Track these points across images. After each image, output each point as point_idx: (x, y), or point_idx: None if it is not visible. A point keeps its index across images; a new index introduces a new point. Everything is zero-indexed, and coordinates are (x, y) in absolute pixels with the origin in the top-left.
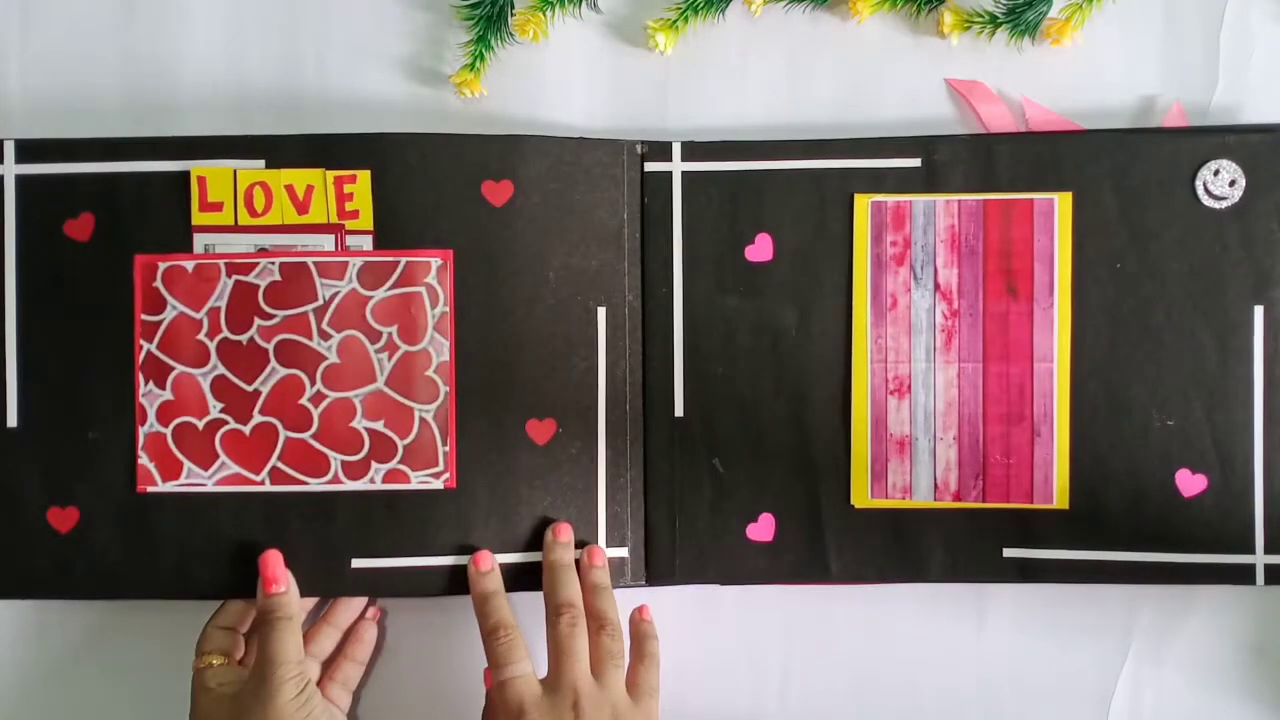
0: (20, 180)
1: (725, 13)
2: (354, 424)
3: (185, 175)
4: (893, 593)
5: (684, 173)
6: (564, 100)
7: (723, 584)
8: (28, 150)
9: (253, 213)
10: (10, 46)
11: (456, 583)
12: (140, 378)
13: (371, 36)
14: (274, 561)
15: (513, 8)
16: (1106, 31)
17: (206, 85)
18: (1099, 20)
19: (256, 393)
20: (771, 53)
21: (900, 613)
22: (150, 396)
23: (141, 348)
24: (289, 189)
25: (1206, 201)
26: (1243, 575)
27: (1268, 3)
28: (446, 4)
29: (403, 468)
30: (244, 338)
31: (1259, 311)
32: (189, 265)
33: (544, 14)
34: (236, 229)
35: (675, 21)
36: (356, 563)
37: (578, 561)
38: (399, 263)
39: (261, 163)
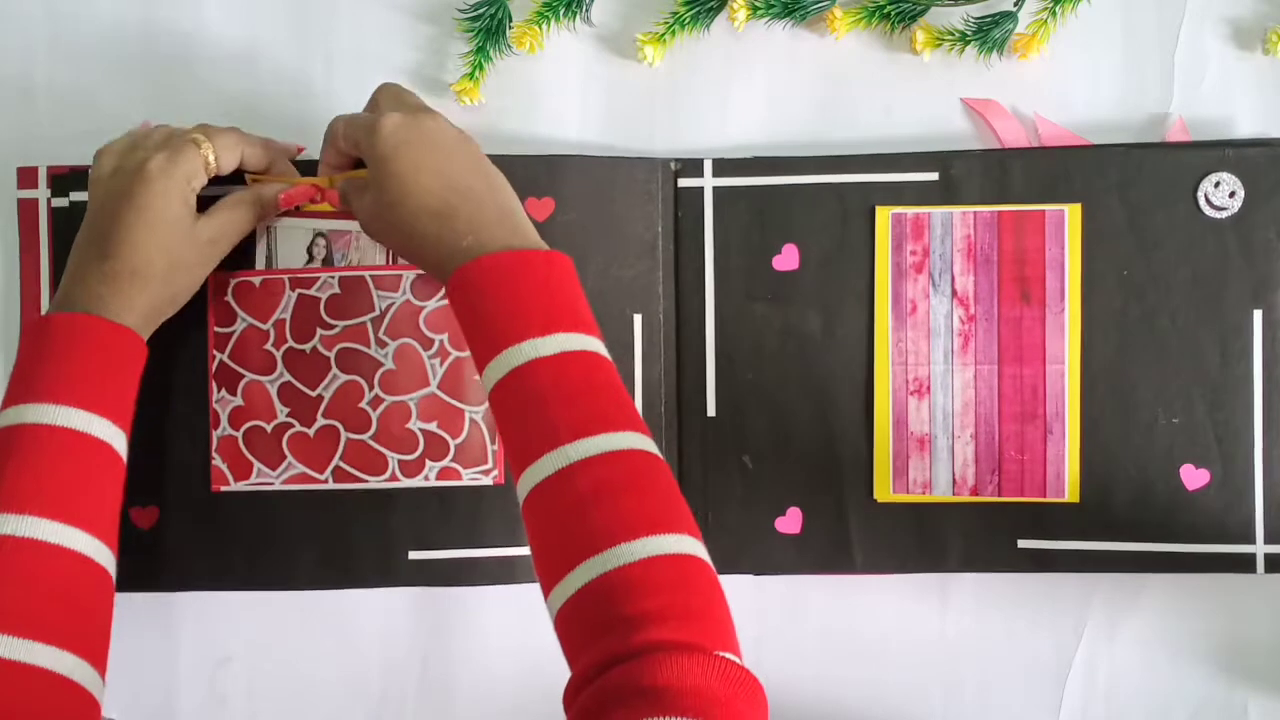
0: None
1: (710, 28)
2: (409, 425)
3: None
4: (860, 579)
5: (715, 188)
6: (558, 108)
7: (753, 574)
8: None
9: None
10: (38, 77)
11: (507, 572)
12: (214, 385)
13: (378, 47)
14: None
15: (511, 20)
16: (1070, 48)
17: (222, 95)
18: (1063, 35)
19: (319, 397)
20: (754, 66)
21: (868, 598)
22: (223, 402)
23: (214, 357)
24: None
25: (1208, 212)
26: (1244, 564)
27: (1219, 24)
28: (449, 17)
29: (454, 465)
30: (307, 346)
31: (1258, 315)
32: (256, 280)
33: (540, 27)
34: (296, 213)
35: (663, 35)
36: (413, 554)
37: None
38: None
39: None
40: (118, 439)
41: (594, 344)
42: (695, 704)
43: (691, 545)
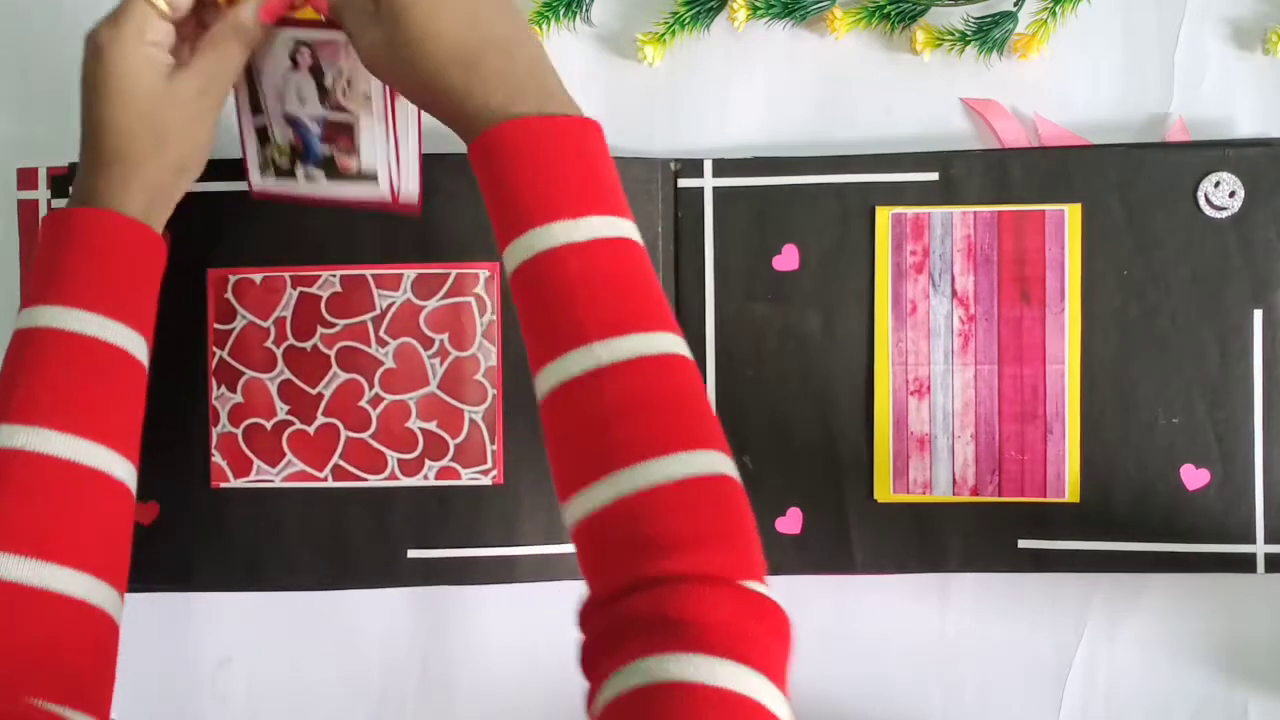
0: None
1: (710, 28)
2: (409, 424)
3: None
4: (860, 579)
5: (715, 188)
6: None
7: None
8: None
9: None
10: (39, 77)
11: (507, 572)
12: (213, 382)
13: None
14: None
15: None
16: (1070, 48)
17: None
18: (1063, 35)
19: (320, 395)
20: (754, 66)
21: (868, 598)
22: (222, 399)
23: (214, 354)
24: None
25: (1208, 211)
26: (1244, 564)
27: (1219, 24)
28: None
29: (454, 465)
30: (308, 345)
31: (1258, 315)
32: (257, 278)
33: (540, 27)
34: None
35: (663, 35)
36: (412, 553)
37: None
38: (449, 275)
39: None
40: (133, 342)
41: (627, 228)
42: (721, 640)
43: (724, 464)
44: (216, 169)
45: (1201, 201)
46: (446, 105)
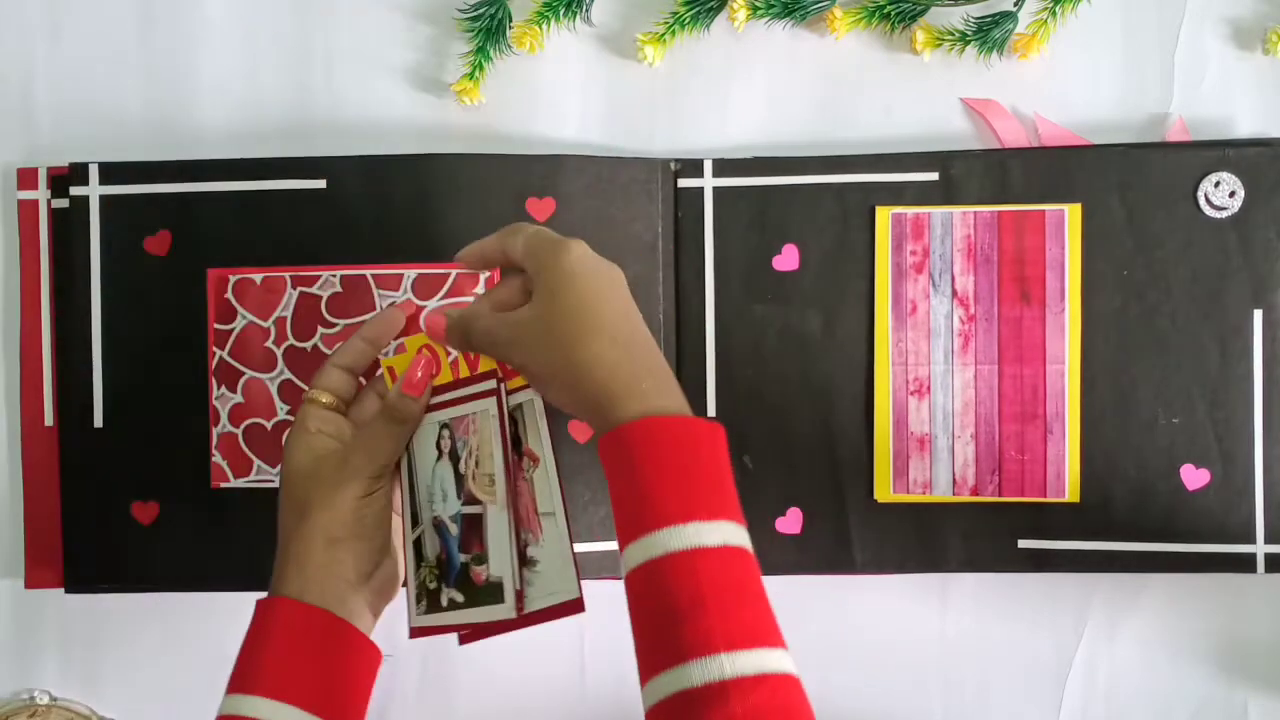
0: (103, 200)
1: (710, 28)
2: None
3: (254, 194)
4: (860, 579)
5: (715, 188)
6: (558, 108)
7: None
8: (110, 172)
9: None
10: (39, 78)
11: None
12: (213, 382)
13: (378, 47)
14: (422, 362)
15: (511, 20)
16: (1070, 48)
17: (223, 96)
18: (1063, 35)
19: None
20: (754, 66)
21: (868, 598)
22: (223, 399)
23: (214, 354)
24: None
25: (1208, 211)
26: (1244, 564)
27: (1219, 24)
28: (448, 17)
29: None
30: (308, 345)
31: (1258, 315)
32: (257, 278)
33: (540, 27)
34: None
35: (663, 35)
36: None
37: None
38: (450, 275)
39: (323, 183)
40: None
41: (747, 539)
42: None
43: None
44: (216, 168)
45: (1201, 201)
46: (595, 373)
